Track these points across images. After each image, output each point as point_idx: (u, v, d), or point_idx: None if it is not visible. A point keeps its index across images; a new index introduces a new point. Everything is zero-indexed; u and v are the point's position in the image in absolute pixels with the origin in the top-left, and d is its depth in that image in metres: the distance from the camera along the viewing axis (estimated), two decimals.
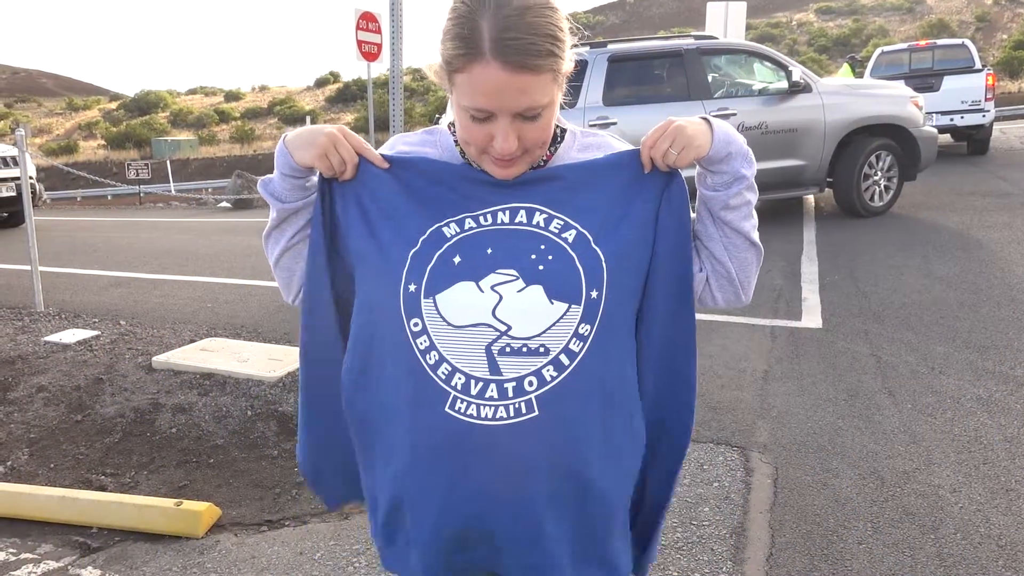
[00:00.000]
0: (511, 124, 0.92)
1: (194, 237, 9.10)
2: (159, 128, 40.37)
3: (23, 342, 4.37)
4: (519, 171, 0.98)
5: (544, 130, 0.95)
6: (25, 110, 59.16)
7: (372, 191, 1.01)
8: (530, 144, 0.95)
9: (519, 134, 0.93)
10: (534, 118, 0.93)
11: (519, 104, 0.91)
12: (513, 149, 0.93)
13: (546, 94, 0.92)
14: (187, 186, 24.39)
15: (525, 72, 0.89)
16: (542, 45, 0.89)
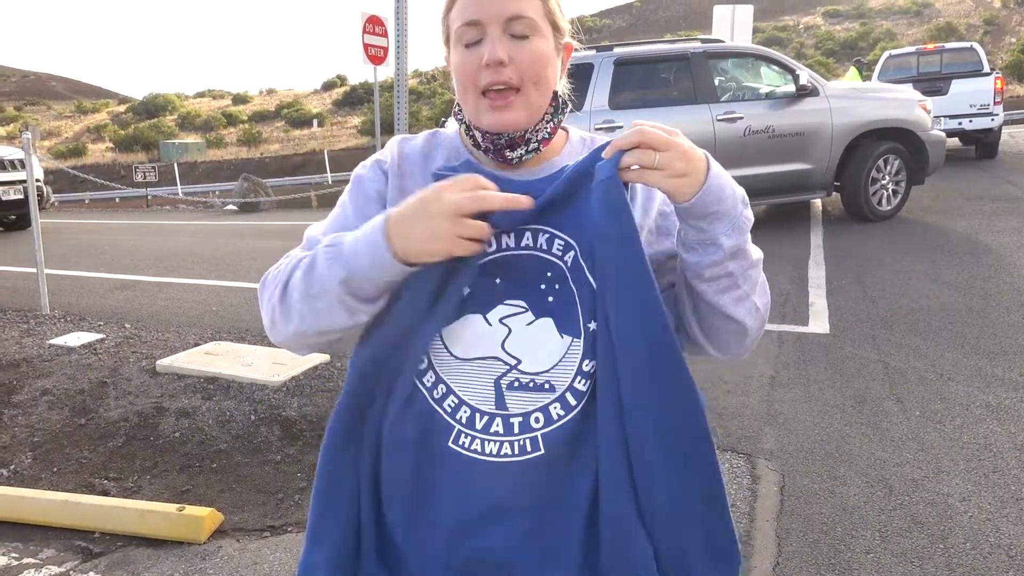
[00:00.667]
0: (500, 36, 0.91)
1: (200, 240, 9.11)
2: (167, 131, 40.57)
3: (28, 345, 4.38)
4: (516, 117, 0.92)
5: (536, 60, 0.92)
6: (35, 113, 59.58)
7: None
8: (522, 70, 0.92)
9: (509, 52, 0.90)
10: (523, 38, 0.92)
11: (505, 6, 0.90)
12: (501, 56, 0.89)
13: (532, 9, 0.92)
14: (194, 189, 24.50)
15: None
16: None
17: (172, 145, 35.47)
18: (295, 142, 35.91)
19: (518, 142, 0.96)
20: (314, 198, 12.87)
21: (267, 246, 8.21)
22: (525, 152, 0.96)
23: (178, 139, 38.37)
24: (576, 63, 5.00)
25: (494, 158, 0.97)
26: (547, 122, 0.97)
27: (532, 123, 0.95)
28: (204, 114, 46.25)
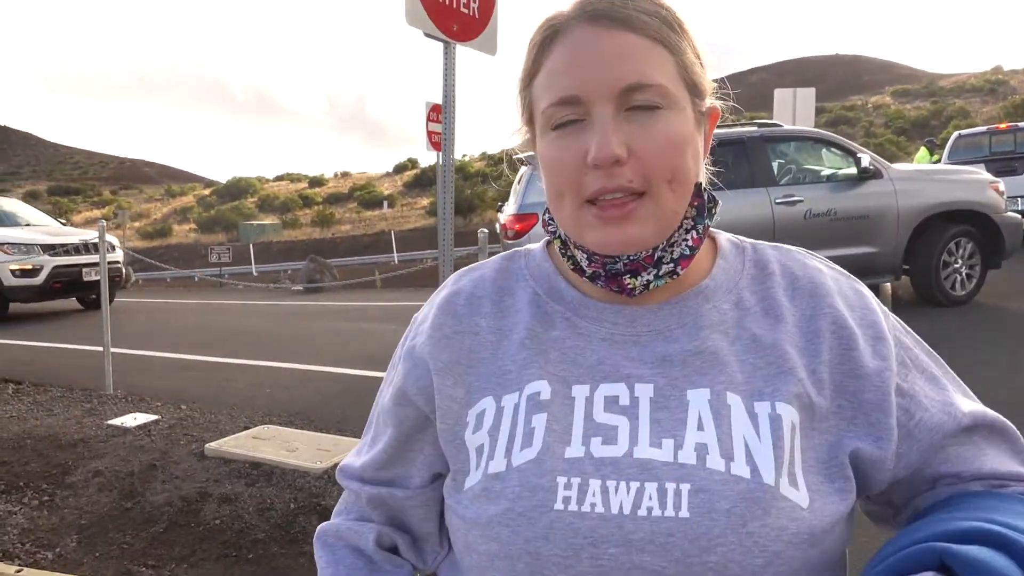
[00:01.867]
0: (613, 117, 0.65)
1: (264, 320, 9.37)
2: (247, 213, 42.62)
3: (88, 425, 4.50)
4: (640, 232, 0.67)
5: (670, 146, 0.65)
6: (128, 196, 63.57)
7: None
8: (650, 165, 0.65)
9: (627, 140, 0.64)
10: (646, 110, 0.65)
11: (618, 73, 0.64)
12: (616, 151, 0.63)
13: (660, 70, 0.65)
14: (268, 268, 25.45)
15: (621, 27, 0.65)
16: (645, 3, 0.67)
17: (250, 226, 37.15)
18: (366, 223, 37.14)
19: (643, 264, 0.70)
20: (378, 279, 13.15)
21: (327, 327, 8.37)
22: (655, 278, 0.71)
23: (256, 220, 40.17)
24: None
25: (607, 287, 0.72)
26: (687, 231, 0.72)
27: (665, 236, 0.69)
28: (282, 196, 48.49)
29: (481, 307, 0.77)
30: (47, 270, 9.64)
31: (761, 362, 0.69)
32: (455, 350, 0.75)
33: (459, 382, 0.74)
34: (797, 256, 0.78)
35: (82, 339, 7.58)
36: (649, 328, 0.72)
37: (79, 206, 55.51)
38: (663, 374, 0.69)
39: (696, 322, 0.72)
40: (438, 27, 3.31)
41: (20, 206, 11.72)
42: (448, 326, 0.77)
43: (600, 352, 0.71)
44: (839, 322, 0.71)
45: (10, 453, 4.10)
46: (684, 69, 0.67)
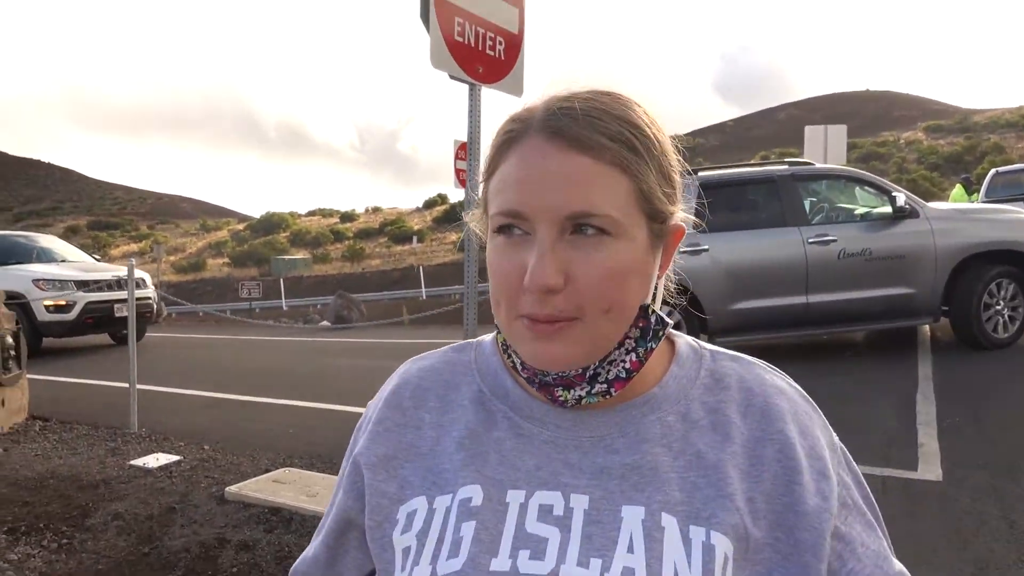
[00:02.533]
0: (553, 242, 0.62)
1: (291, 357, 9.38)
2: (280, 247, 43.16)
3: (110, 465, 4.48)
4: (568, 352, 0.64)
5: (610, 277, 0.62)
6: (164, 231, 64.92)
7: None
8: (585, 295, 0.62)
9: (566, 267, 0.61)
10: (591, 236, 0.62)
11: (564, 198, 0.61)
12: (549, 281, 0.60)
13: (611, 199, 0.61)
14: (298, 302, 25.67)
15: (577, 149, 0.62)
16: (610, 124, 0.63)
17: (282, 260, 37.60)
18: (395, 257, 37.40)
19: (576, 380, 0.68)
20: (406, 316, 13.15)
21: (352, 365, 8.34)
22: (587, 394, 0.68)
23: (288, 255, 40.66)
24: None
25: (542, 395, 0.70)
26: (627, 351, 0.68)
27: (596, 357, 0.67)
28: (314, 231, 49.09)
29: (427, 400, 0.76)
30: (80, 306, 9.79)
31: (702, 481, 0.66)
32: (393, 444, 0.74)
33: (392, 476, 0.73)
34: (757, 370, 0.75)
35: (111, 375, 7.64)
36: (591, 434, 0.69)
37: (117, 240, 56.77)
38: (600, 486, 0.66)
39: (638, 433, 0.69)
40: (463, 69, 3.30)
41: (57, 242, 11.97)
42: (390, 419, 0.76)
43: (539, 456, 0.69)
44: (786, 451, 0.68)
45: (32, 493, 4.08)
46: (642, 196, 0.64)
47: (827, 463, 0.69)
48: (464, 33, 3.34)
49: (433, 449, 0.72)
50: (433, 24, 3.14)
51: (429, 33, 3.14)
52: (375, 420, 0.77)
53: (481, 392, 0.75)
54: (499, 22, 3.55)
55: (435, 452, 0.72)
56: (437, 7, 3.17)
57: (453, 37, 3.27)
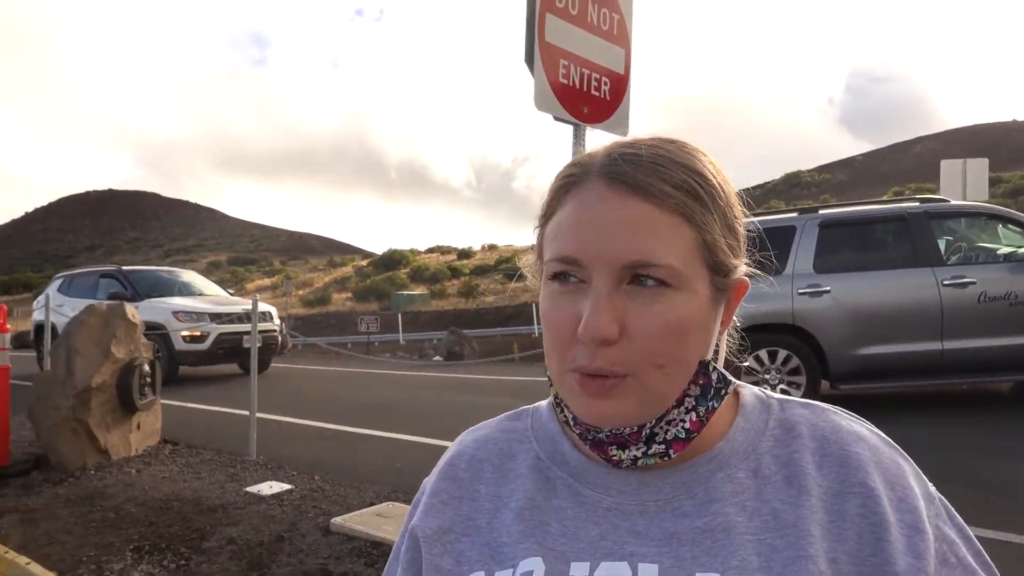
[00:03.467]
0: (612, 291, 0.60)
1: (403, 391, 9.60)
2: (399, 283, 44.67)
3: (228, 490, 4.69)
4: (619, 409, 0.61)
5: (668, 332, 0.59)
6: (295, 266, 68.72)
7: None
8: (639, 350, 0.59)
9: (622, 316, 0.59)
10: (649, 287, 0.59)
11: (623, 246, 0.59)
12: (603, 330, 0.58)
13: (673, 249, 0.59)
14: (415, 336, 26.38)
15: (639, 196, 0.60)
16: (674, 171, 0.61)
17: (400, 296, 38.86)
18: (510, 294, 37.84)
19: (631, 439, 0.64)
20: (517, 353, 13.22)
21: (462, 401, 8.43)
22: (643, 455, 0.64)
23: (407, 290, 41.99)
24: (777, 226, 4.80)
25: (597, 455, 0.67)
26: (687, 410, 0.64)
27: (651, 415, 0.63)
28: (432, 267, 50.53)
29: (483, 471, 0.73)
30: (213, 337, 10.46)
31: (781, 543, 0.60)
32: (448, 516, 0.71)
33: (448, 551, 0.69)
34: (831, 416, 0.68)
35: (237, 403, 8.07)
36: (656, 497, 0.65)
37: (253, 275, 60.63)
38: (670, 553, 0.62)
39: (707, 493, 0.64)
40: (568, 111, 3.30)
41: (195, 277, 12.91)
42: (446, 491, 0.73)
43: (603, 524, 0.65)
44: (871, 505, 0.61)
45: (158, 514, 4.33)
46: (706, 247, 0.61)
47: (921, 515, 0.62)
48: (569, 75, 3.35)
49: (491, 522, 0.69)
50: (538, 67, 3.17)
51: (533, 76, 3.17)
52: (430, 492, 0.74)
53: (539, 459, 0.71)
54: (605, 63, 3.54)
55: (492, 525, 0.69)
56: (542, 50, 3.20)
57: (558, 79, 3.28)
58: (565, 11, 3.33)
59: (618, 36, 3.61)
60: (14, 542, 4.04)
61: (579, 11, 3.41)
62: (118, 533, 4.07)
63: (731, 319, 0.68)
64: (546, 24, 3.24)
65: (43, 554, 3.85)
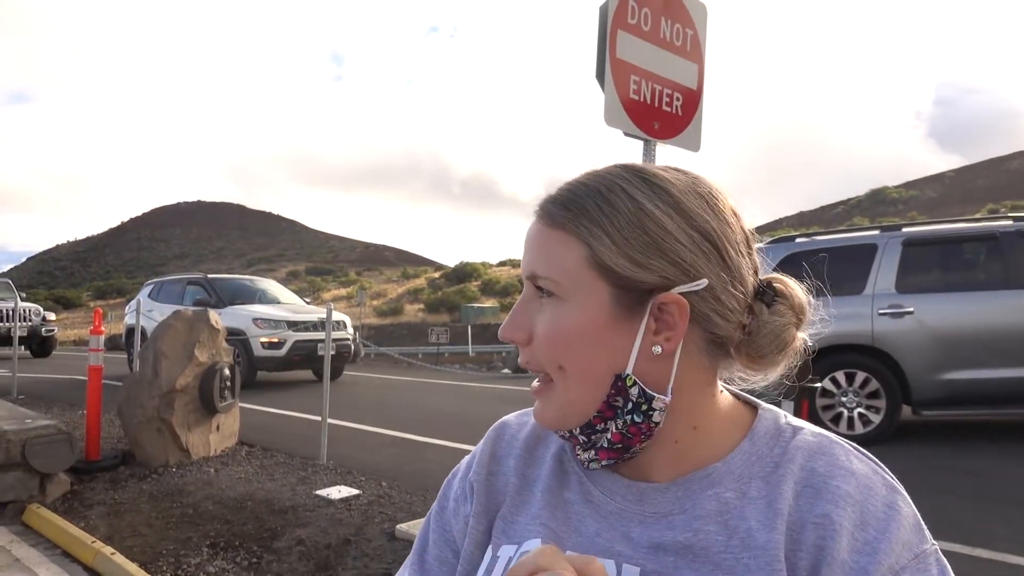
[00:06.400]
0: (524, 300, 0.70)
1: (469, 402, 9.69)
2: (470, 295, 45.06)
3: (299, 493, 4.83)
4: (542, 412, 0.70)
5: (553, 330, 0.66)
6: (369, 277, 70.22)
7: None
8: (534, 348, 0.68)
9: (532, 322, 0.68)
10: (545, 297, 0.67)
11: (530, 263, 0.69)
12: (507, 331, 0.69)
13: (558, 263, 0.66)
14: (484, 348, 26.54)
15: (540, 220, 0.69)
16: (580, 200, 0.67)
17: (471, 308, 39.19)
18: None
19: (572, 443, 0.72)
20: None
21: None
22: (591, 459, 0.70)
23: (478, 303, 42.32)
24: (856, 244, 4.72)
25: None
26: (609, 422, 0.68)
27: (569, 423, 0.69)
28: (503, 280, 50.80)
29: (515, 450, 0.79)
30: (289, 344, 10.81)
31: (753, 564, 0.62)
32: (482, 490, 0.77)
33: (479, 522, 0.76)
34: (834, 449, 0.67)
35: (310, 409, 8.30)
36: (655, 510, 0.68)
37: (329, 285, 62.24)
38: (654, 559, 0.66)
39: (695, 509, 0.67)
40: (638, 126, 3.30)
41: (274, 285, 13.37)
42: (484, 466, 0.79)
43: (602, 524, 0.70)
44: (826, 539, 0.61)
45: (233, 512, 4.50)
46: (597, 261, 0.65)
47: (879, 563, 0.59)
48: (640, 91, 3.35)
49: (513, 499, 0.76)
50: (608, 83, 3.18)
51: (604, 92, 3.18)
52: (466, 464, 0.83)
53: (563, 450, 0.77)
54: (677, 78, 3.52)
55: (514, 501, 0.75)
56: (613, 66, 3.21)
57: (629, 95, 3.29)
58: (637, 27, 3.33)
59: (691, 51, 3.59)
60: (101, 532, 4.26)
61: (651, 27, 3.41)
62: (196, 529, 4.25)
63: (678, 337, 0.66)
64: (617, 41, 3.25)
65: (126, 546, 4.05)
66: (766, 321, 0.69)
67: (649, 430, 0.67)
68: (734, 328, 0.68)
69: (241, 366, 8.70)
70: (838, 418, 6.09)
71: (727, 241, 0.67)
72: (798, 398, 3.39)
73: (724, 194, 0.70)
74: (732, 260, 0.67)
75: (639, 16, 3.35)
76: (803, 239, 6.95)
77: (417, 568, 0.80)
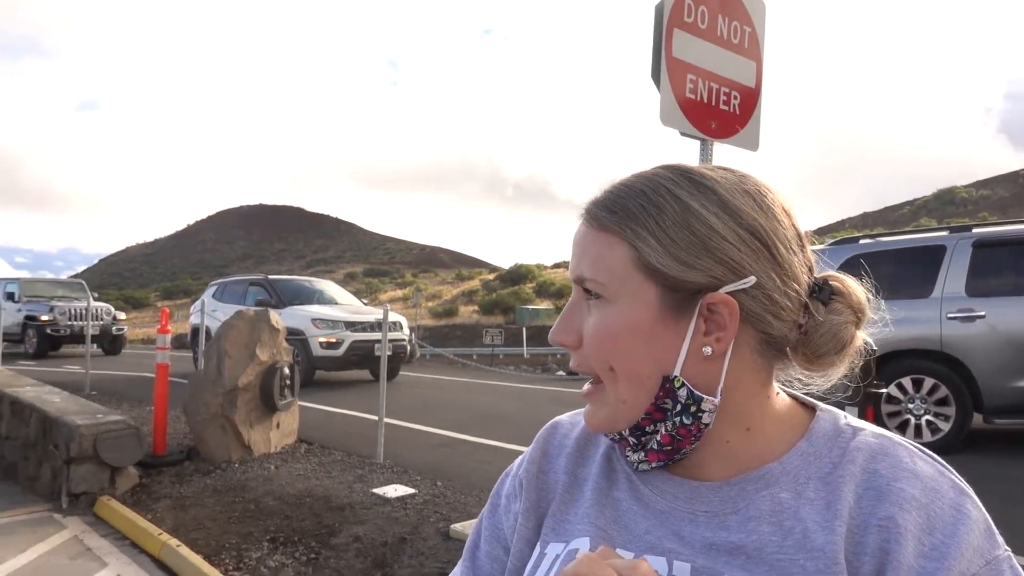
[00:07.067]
0: (573, 304, 0.70)
1: (523, 404, 9.70)
2: (525, 297, 45.10)
3: (356, 491, 4.91)
4: (592, 415, 0.70)
5: (602, 331, 0.66)
6: (424, 279, 70.97)
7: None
8: (584, 350, 0.68)
9: (581, 325, 0.69)
10: (594, 300, 0.67)
11: (577, 266, 0.70)
12: (557, 335, 0.70)
13: (603, 264, 0.66)
14: (539, 350, 26.55)
15: (590, 225, 0.69)
16: (625, 201, 0.67)
17: (526, 310, 39.22)
18: None
19: (622, 445, 0.71)
20: None
21: None
22: (640, 460, 0.70)
23: (532, 304, 42.33)
24: (925, 245, 4.58)
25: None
26: (658, 423, 0.67)
27: (620, 424, 0.68)
28: (558, 282, 50.71)
29: (567, 448, 0.79)
30: (347, 344, 11.00)
31: (811, 566, 0.60)
32: (532, 488, 0.78)
33: (528, 520, 0.76)
34: (897, 450, 0.65)
35: (366, 408, 8.43)
36: (706, 509, 0.67)
37: (385, 286, 63.13)
38: (705, 557, 0.65)
39: (748, 510, 0.65)
40: (695, 126, 3.26)
41: (331, 286, 13.63)
42: (534, 464, 0.79)
43: (652, 521, 0.69)
44: (891, 543, 0.59)
45: (292, 508, 4.60)
46: (641, 262, 0.65)
47: (948, 568, 0.57)
48: (697, 90, 3.30)
49: (562, 496, 0.76)
50: (664, 83, 3.14)
51: (659, 91, 3.15)
52: (518, 463, 0.83)
53: (612, 448, 0.77)
54: (735, 76, 3.46)
55: (563, 499, 0.75)
56: (669, 66, 3.17)
57: (685, 94, 3.25)
58: (694, 26, 3.29)
59: (749, 49, 3.53)
60: (168, 525, 4.42)
61: (708, 25, 3.36)
62: (257, 524, 4.36)
63: (729, 338, 0.65)
64: (674, 39, 3.21)
65: (191, 538, 4.18)
66: (823, 320, 0.67)
67: (699, 431, 0.66)
68: (789, 327, 0.66)
69: (300, 365, 8.89)
70: (905, 425, 5.89)
71: (777, 238, 0.65)
72: (863, 403, 3.29)
73: (773, 191, 0.68)
74: (783, 258, 0.65)
75: (696, 14, 3.30)
76: (867, 240, 6.75)
77: (469, 565, 0.81)
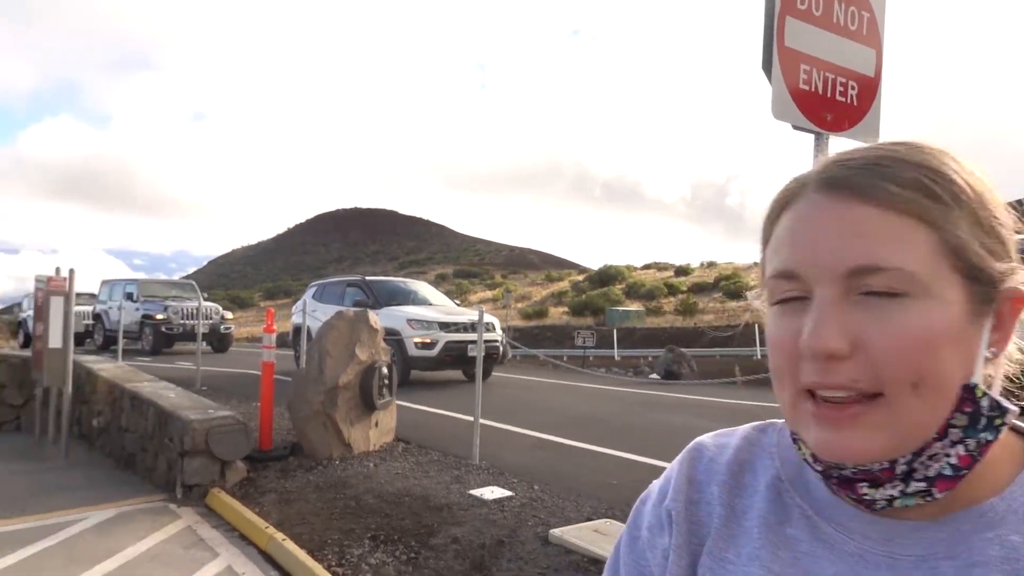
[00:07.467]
0: (837, 301, 0.53)
1: (617, 407, 9.54)
2: (614, 298, 44.69)
3: (453, 491, 4.93)
4: (865, 443, 0.53)
5: (912, 344, 0.51)
6: (514, 280, 71.43)
7: None
8: (882, 364, 0.52)
9: (854, 329, 0.52)
10: (884, 296, 0.52)
11: (842, 252, 0.53)
12: (827, 343, 0.52)
13: (905, 252, 0.52)
14: (630, 352, 26.22)
15: (860, 199, 0.54)
16: (901, 170, 0.54)
17: (616, 311, 38.84)
18: (729, 314, 36.38)
19: (883, 476, 0.55)
20: (740, 376, 12.64)
21: (679, 422, 8.20)
22: (901, 494, 0.55)
23: (622, 306, 41.88)
24: None
25: (839, 492, 0.60)
26: (953, 443, 0.54)
27: (904, 449, 0.54)
28: (648, 284, 50.01)
29: (719, 476, 0.69)
30: (441, 344, 11.14)
31: None
32: (681, 519, 0.68)
33: (680, 556, 0.67)
34: None
35: (461, 408, 8.50)
36: (909, 553, 0.56)
37: (476, 287, 63.92)
38: None
39: (971, 555, 0.54)
40: (809, 119, 3.09)
41: (424, 287, 13.84)
42: (681, 492, 0.69)
43: (841, 567, 0.58)
44: None
45: (392, 507, 4.66)
46: (952, 250, 0.53)
47: None
48: (811, 80, 3.14)
49: (719, 530, 0.66)
50: (776, 74, 3.00)
51: (771, 83, 3.00)
52: (659, 490, 0.73)
53: (779, 480, 0.66)
54: (852, 66, 3.27)
55: (720, 535, 0.66)
56: (781, 55, 3.02)
57: (798, 85, 3.08)
58: (808, 12, 3.12)
59: (868, 36, 3.32)
60: (273, 518, 4.55)
61: (823, 12, 3.19)
62: (358, 521, 4.44)
63: (1008, 338, 0.56)
64: (786, 28, 3.06)
65: (296, 532, 4.30)
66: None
67: (988, 450, 0.55)
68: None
69: (397, 365, 9.05)
70: None
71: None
72: None
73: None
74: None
75: (809, 1, 3.14)
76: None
77: None
